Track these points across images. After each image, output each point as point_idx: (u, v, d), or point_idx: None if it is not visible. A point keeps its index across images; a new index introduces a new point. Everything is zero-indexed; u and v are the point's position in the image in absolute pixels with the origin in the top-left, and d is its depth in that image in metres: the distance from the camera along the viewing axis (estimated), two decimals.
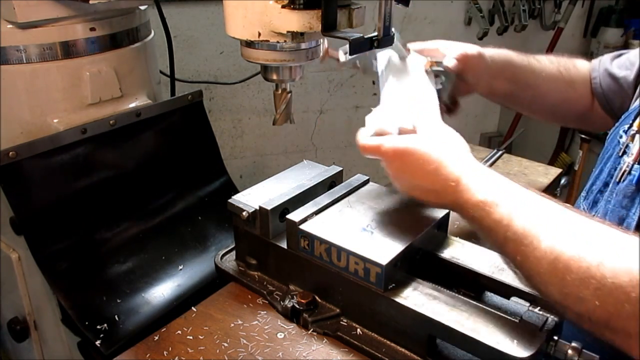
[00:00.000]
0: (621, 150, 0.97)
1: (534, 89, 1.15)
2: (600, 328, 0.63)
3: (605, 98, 1.16)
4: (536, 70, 1.15)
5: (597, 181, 1.05)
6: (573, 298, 0.64)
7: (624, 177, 0.92)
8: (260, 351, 0.83)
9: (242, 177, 2.67)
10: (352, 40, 0.79)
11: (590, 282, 0.62)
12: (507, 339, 0.72)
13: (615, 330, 0.62)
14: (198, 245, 1.19)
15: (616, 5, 3.10)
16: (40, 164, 1.04)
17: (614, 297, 0.60)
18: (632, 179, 0.89)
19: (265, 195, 0.96)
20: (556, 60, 1.19)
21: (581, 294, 0.63)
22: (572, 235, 0.67)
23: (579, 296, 0.63)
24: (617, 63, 1.16)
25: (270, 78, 0.93)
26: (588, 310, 0.63)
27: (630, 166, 0.91)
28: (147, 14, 1.27)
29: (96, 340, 0.95)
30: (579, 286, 0.63)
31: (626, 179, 0.91)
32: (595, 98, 1.17)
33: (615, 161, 0.98)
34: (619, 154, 0.98)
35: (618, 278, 0.61)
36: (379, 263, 0.80)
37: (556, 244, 0.66)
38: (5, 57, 1.04)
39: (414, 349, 0.81)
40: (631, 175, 0.90)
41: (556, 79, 1.17)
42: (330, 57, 0.99)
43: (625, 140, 0.97)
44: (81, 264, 1.06)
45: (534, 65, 1.16)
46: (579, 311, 0.64)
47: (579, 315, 0.65)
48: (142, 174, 1.20)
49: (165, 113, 1.23)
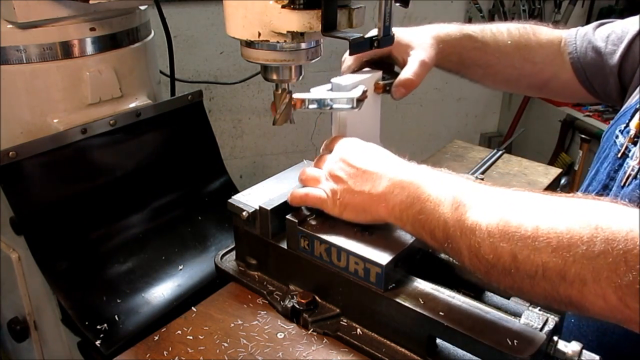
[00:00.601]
0: (620, 152, 0.96)
1: (484, 68, 1.14)
2: (554, 284, 0.63)
3: (585, 73, 1.13)
4: (489, 50, 1.13)
5: (593, 182, 1.03)
6: (526, 253, 0.64)
7: (629, 181, 0.90)
8: (260, 351, 0.83)
9: (242, 177, 2.67)
10: (352, 40, 0.79)
11: (542, 231, 0.63)
12: (507, 339, 0.72)
13: (570, 280, 0.61)
14: (198, 245, 1.19)
15: (616, 5, 3.11)
16: (40, 164, 1.04)
17: (567, 240, 0.61)
18: (639, 183, 0.88)
19: (265, 195, 0.96)
20: (517, 32, 1.15)
21: (534, 244, 0.63)
22: (519, 199, 0.69)
23: (532, 247, 0.63)
24: (600, 33, 1.11)
25: (270, 78, 0.93)
26: (542, 262, 0.62)
27: (636, 170, 0.90)
28: (147, 14, 1.27)
29: (96, 340, 0.95)
30: (530, 237, 0.63)
31: (632, 183, 0.90)
32: (574, 72, 1.14)
33: (614, 162, 0.97)
34: (617, 156, 0.96)
35: (571, 224, 0.62)
36: (379, 263, 0.80)
37: (503, 206, 0.68)
38: (5, 57, 1.04)
39: (414, 349, 0.81)
40: (637, 180, 0.89)
41: (511, 55, 1.15)
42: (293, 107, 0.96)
43: (623, 141, 0.96)
44: (81, 264, 1.06)
45: (488, 43, 1.13)
46: (532, 267, 0.63)
47: (531, 274, 0.64)
48: (142, 174, 1.20)
49: (165, 113, 1.23)
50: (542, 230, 0.63)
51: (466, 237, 0.69)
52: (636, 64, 1.03)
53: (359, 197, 0.83)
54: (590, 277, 0.59)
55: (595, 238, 0.59)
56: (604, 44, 1.08)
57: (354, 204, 0.84)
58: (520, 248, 0.64)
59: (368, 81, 0.99)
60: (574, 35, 1.14)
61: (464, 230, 0.70)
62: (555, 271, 0.62)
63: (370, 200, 0.82)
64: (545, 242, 0.62)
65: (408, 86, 0.99)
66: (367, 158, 0.85)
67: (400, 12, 2.79)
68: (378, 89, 1.01)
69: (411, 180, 0.78)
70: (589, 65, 1.11)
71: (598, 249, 0.59)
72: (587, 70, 1.12)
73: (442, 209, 0.73)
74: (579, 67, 1.12)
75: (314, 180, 0.90)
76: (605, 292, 0.59)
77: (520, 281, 0.66)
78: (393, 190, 0.79)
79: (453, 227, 0.71)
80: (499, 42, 1.13)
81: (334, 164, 0.87)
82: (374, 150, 0.88)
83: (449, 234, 0.72)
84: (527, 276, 0.65)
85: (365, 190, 0.82)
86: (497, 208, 0.68)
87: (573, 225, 0.61)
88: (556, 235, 0.62)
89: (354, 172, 0.84)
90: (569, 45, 1.14)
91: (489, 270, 0.69)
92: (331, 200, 0.86)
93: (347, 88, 0.94)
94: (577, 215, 0.63)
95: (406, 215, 0.77)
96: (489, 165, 1.37)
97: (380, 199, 0.80)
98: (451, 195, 0.73)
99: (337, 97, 0.93)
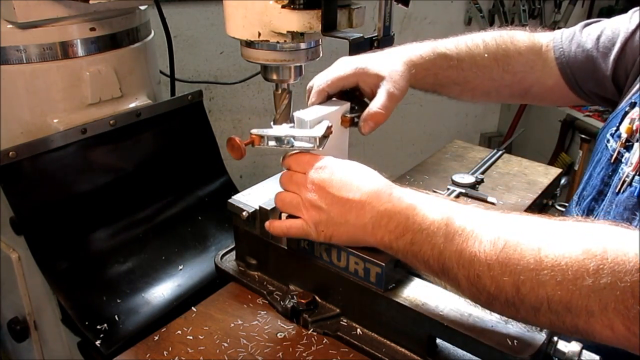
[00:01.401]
0: (613, 158, 0.94)
1: (462, 85, 1.10)
2: (560, 315, 0.62)
3: (574, 77, 1.09)
4: (465, 67, 1.07)
5: (587, 187, 1.02)
6: (529, 285, 0.62)
7: (624, 188, 0.89)
8: (260, 351, 0.83)
9: (242, 177, 2.66)
10: (352, 40, 0.79)
11: (546, 263, 0.61)
12: (507, 339, 0.72)
13: (577, 312, 0.60)
14: (198, 245, 1.19)
15: (616, 5, 3.11)
16: (40, 164, 1.04)
17: (573, 272, 0.59)
18: (634, 191, 0.87)
19: (265, 195, 0.96)
20: (495, 43, 1.10)
21: (538, 277, 0.61)
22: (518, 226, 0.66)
23: (535, 280, 0.62)
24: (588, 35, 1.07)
25: (270, 78, 0.93)
26: (547, 296, 0.61)
27: (631, 177, 0.88)
28: (147, 14, 1.27)
29: (96, 340, 0.95)
30: (534, 270, 0.62)
31: (627, 191, 0.89)
32: (563, 77, 1.10)
33: (607, 168, 0.96)
34: (610, 161, 0.95)
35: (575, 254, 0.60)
36: (379, 263, 0.80)
37: (501, 234, 0.66)
38: (5, 57, 1.04)
39: (414, 349, 0.81)
40: (632, 187, 0.87)
41: (490, 68, 1.10)
42: None
43: (615, 146, 0.94)
44: (81, 264, 1.06)
45: (464, 59, 1.07)
46: (537, 299, 0.62)
47: (536, 306, 0.63)
48: (142, 174, 1.20)
49: (165, 113, 1.23)
50: (546, 261, 0.61)
51: (464, 269, 0.67)
52: (630, 66, 1.01)
53: (344, 228, 0.79)
54: (597, 308, 0.58)
55: (601, 270, 0.58)
56: (594, 47, 1.05)
57: (339, 235, 0.80)
58: (523, 281, 0.63)
59: (334, 114, 0.91)
60: (560, 39, 1.11)
61: (461, 261, 0.68)
62: (561, 304, 0.61)
63: (356, 231, 0.78)
64: (550, 275, 0.61)
65: (376, 120, 0.91)
66: (347, 183, 0.79)
67: (400, 12, 2.79)
68: (345, 122, 0.93)
69: (399, 209, 0.74)
70: (578, 69, 1.08)
71: (605, 281, 0.58)
72: (576, 74, 1.08)
73: (435, 239, 0.70)
74: (567, 72, 1.09)
75: (292, 207, 0.84)
76: (613, 322, 0.58)
77: (525, 313, 0.65)
78: (380, 221, 0.75)
79: (449, 258, 0.69)
80: (476, 57, 1.08)
81: (311, 192, 0.81)
82: (353, 172, 0.81)
83: (445, 265, 0.70)
84: (531, 308, 0.63)
85: (349, 221, 0.78)
86: (495, 236, 0.66)
87: (578, 256, 0.60)
88: (560, 267, 0.60)
89: (334, 201, 0.79)
90: (556, 49, 1.10)
91: (490, 302, 0.67)
92: (314, 231, 0.81)
93: (310, 124, 0.86)
94: (581, 244, 0.61)
95: (396, 245, 0.74)
96: (489, 165, 1.37)
97: (367, 230, 0.77)
98: (443, 223, 0.70)
99: (299, 135, 0.86)
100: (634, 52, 0.99)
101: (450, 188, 1.27)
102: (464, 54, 1.07)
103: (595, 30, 1.06)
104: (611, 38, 1.03)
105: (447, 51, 1.06)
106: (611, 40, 1.02)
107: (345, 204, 0.78)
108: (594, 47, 1.05)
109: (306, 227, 0.82)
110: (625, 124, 0.93)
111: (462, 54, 1.07)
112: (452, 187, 1.27)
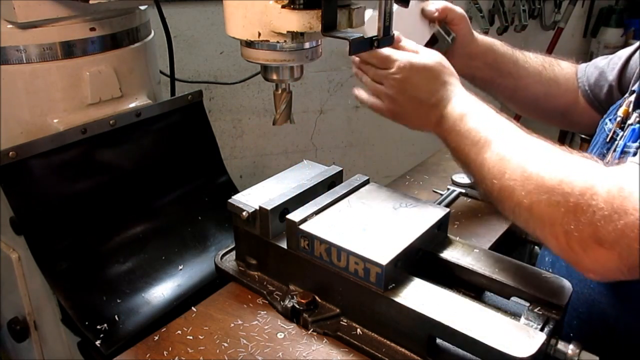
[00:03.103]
0: (608, 137, 0.98)
1: (517, 79, 1.18)
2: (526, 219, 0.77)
3: (596, 99, 1.17)
4: (519, 62, 1.18)
5: None
6: (507, 190, 0.78)
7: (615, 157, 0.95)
8: (260, 351, 0.83)
9: (242, 177, 2.67)
10: (352, 40, 0.79)
11: (526, 176, 0.75)
12: (507, 339, 0.72)
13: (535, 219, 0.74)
14: (198, 245, 1.19)
15: (616, 5, 3.11)
16: (40, 164, 1.04)
17: (535, 185, 0.74)
18: (616, 154, 0.92)
19: (265, 195, 0.96)
20: (541, 56, 1.22)
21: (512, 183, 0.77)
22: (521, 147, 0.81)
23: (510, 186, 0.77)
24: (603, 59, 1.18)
25: (270, 78, 0.93)
26: (519, 201, 0.76)
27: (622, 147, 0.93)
28: (147, 14, 1.27)
29: (96, 340, 0.95)
30: (513, 178, 0.77)
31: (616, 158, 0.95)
32: (585, 100, 1.19)
33: (603, 147, 1.00)
34: (605, 140, 0.99)
35: (545, 173, 0.74)
36: (379, 263, 0.80)
37: (503, 150, 0.82)
38: (5, 57, 1.04)
39: (414, 349, 0.81)
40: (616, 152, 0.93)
41: (539, 72, 1.19)
42: None
43: (611, 126, 0.99)
44: (81, 264, 1.06)
45: (518, 56, 1.19)
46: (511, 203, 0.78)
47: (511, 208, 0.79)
48: (142, 174, 1.20)
49: (165, 113, 1.23)
50: (526, 175, 0.76)
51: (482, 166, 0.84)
52: (633, 70, 1.07)
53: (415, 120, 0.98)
54: (548, 220, 0.72)
55: (556, 189, 0.71)
56: (607, 65, 1.15)
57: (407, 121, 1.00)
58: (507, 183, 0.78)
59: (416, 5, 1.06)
60: (584, 68, 1.21)
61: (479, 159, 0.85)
62: (525, 208, 0.75)
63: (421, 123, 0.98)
64: (524, 184, 0.75)
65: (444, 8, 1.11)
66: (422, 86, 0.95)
67: None
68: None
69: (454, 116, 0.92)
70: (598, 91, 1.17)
71: (556, 199, 0.71)
72: (596, 96, 1.17)
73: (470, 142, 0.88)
74: (588, 94, 1.18)
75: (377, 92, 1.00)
76: (558, 234, 0.71)
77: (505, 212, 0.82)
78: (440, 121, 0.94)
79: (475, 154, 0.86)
80: (526, 56, 1.20)
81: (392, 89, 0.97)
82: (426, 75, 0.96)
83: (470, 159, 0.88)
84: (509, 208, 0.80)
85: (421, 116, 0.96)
86: (512, 147, 0.81)
87: (544, 174, 0.74)
88: (532, 180, 0.75)
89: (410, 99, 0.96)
90: (579, 75, 1.20)
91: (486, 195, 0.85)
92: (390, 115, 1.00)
93: None
94: (555, 166, 0.74)
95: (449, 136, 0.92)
96: None
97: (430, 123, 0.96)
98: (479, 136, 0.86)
99: None
100: (636, 61, 1.08)
101: (450, 188, 1.27)
102: (515, 51, 1.19)
103: (611, 55, 1.17)
104: (620, 56, 1.14)
105: (502, 46, 1.18)
106: (620, 57, 1.14)
107: (419, 104, 0.96)
108: (606, 65, 1.16)
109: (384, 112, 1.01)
110: (623, 107, 0.98)
111: (514, 50, 1.19)
112: (452, 187, 1.28)
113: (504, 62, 1.17)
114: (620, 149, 0.91)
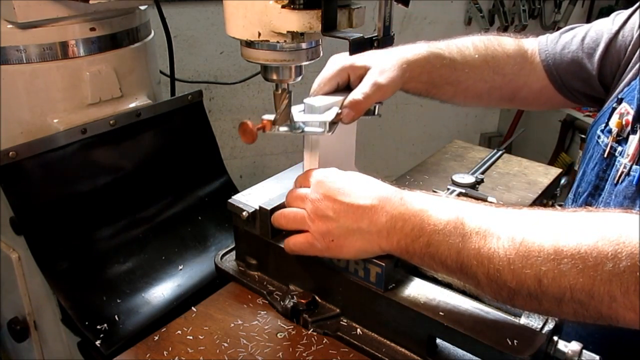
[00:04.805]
0: (605, 152, 0.96)
1: (455, 86, 1.10)
2: (583, 303, 0.63)
3: (561, 80, 1.11)
4: (457, 66, 1.08)
5: (582, 183, 1.04)
6: (551, 275, 0.63)
7: (622, 178, 0.91)
8: (260, 351, 0.83)
9: (242, 177, 2.67)
10: (352, 40, 0.79)
11: (566, 253, 0.62)
12: (507, 339, 0.72)
13: (599, 298, 0.61)
14: (198, 245, 1.19)
15: (616, 5, 3.11)
16: (40, 164, 1.04)
17: (593, 259, 0.61)
18: (632, 179, 0.89)
19: (265, 195, 0.96)
20: (484, 45, 1.11)
21: (560, 267, 0.62)
22: (532, 220, 0.68)
23: (557, 270, 0.63)
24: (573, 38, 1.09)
25: (270, 78, 0.93)
26: (570, 285, 0.62)
27: (628, 168, 0.90)
28: (147, 14, 1.27)
29: (96, 340, 0.95)
30: (555, 260, 0.63)
31: (625, 180, 0.91)
32: (550, 80, 1.12)
33: (601, 163, 0.97)
34: (603, 156, 0.97)
35: (593, 241, 0.62)
36: (379, 263, 0.80)
37: (517, 229, 0.67)
38: (5, 57, 1.04)
39: (414, 349, 0.81)
40: (630, 176, 0.89)
41: (481, 71, 1.10)
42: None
43: (607, 141, 0.96)
44: (81, 264, 1.06)
45: (456, 59, 1.08)
46: (560, 290, 0.63)
47: (559, 297, 0.64)
48: (142, 174, 1.20)
49: (165, 113, 1.23)
50: (565, 251, 0.62)
51: (483, 266, 0.68)
52: (615, 66, 1.03)
53: (357, 236, 0.77)
54: (619, 292, 0.60)
55: (620, 254, 0.60)
56: (579, 48, 1.07)
57: (350, 245, 0.78)
58: (544, 272, 0.63)
59: (342, 103, 0.92)
60: (545, 42, 1.12)
61: (479, 259, 0.68)
62: (584, 292, 0.62)
63: (370, 238, 0.76)
64: (571, 263, 0.62)
65: (354, 107, 0.89)
66: (356, 191, 0.78)
67: (400, 12, 2.79)
68: None
69: (413, 212, 0.74)
70: (564, 70, 1.10)
71: (624, 265, 0.59)
72: (562, 75, 1.10)
73: (452, 239, 0.70)
74: (554, 73, 1.10)
75: (297, 222, 0.83)
76: (635, 304, 0.60)
77: (548, 304, 0.65)
78: (395, 225, 0.74)
79: (467, 257, 0.69)
80: (467, 57, 1.09)
81: (319, 202, 0.79)
82: (359, 180, 0.81)
83: (463, 264, 0.70)
84: (554, 299, 0.64)
85: (362, 228, 0.76)
86: (512, 231, 0.67)
87: (596, 243, 0.61)
88: (580, 255, 0.61)
89: (344, 209, 0.77)
90: (541, 52, 1.12)
91: (512, 297, 0.68)
92: (322, 243, 0.80)
93: (320, 110, 0.88)
94: (596, 231, 0.62)
95: (412, 248, 0.74)
96: (489, 165, 1.37)
97: (382, 236, 0.75)
98: (459, 223, 0.71)
99: (309, 120, 0.87)
100: (618, 52, 1.02)
101: (450, 188, 1.27)
102: (455, 54, 1.08)
103: (579, 33, 1.09)
104: (595, 39, 1.05)
105: (440, 50, 1.06)
106: (595, 41, 1.05)
107: (357, 210, 0.77)
108: (578, 48, 1.07)
109: (312, 240, 0.81)
110: (615, 119, 0.96)
111: (453, 54, 1.07)
112: (452, 187, 1.27)
113: (440, 75, 1.07)
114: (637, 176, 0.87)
